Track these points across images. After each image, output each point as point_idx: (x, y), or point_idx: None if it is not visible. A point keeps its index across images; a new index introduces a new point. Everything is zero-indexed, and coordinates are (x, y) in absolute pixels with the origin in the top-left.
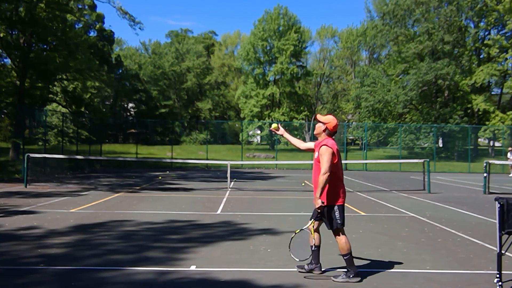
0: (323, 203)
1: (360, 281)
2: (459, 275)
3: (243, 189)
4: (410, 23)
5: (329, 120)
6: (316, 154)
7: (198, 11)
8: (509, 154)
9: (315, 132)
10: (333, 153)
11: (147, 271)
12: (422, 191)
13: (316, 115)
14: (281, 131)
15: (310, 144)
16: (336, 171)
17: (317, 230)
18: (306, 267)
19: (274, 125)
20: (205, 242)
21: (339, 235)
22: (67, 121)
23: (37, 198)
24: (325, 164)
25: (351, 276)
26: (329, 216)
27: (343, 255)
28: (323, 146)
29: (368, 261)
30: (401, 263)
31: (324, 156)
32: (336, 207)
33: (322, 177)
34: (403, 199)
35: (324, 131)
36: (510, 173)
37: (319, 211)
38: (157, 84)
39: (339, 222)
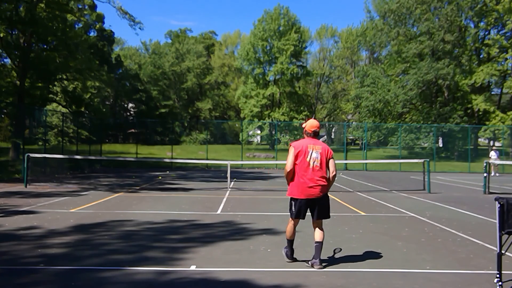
0: None
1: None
2: (459, 275)
3: (243, 189)
4: (410, 22)
5: (306, 123)
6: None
7: (199, 11)
8: (492, 153)
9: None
10: (290, 150)
11: (147, 271)
12: (422, 191)
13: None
14: None
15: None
16: (296, 167)
17: (317, 227)
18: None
19: None
20: (205, 242)
21: (289, 222)
22: (67, 121)
23: (37, 198)
24: (287, 160)
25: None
26: (289, 205)
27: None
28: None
29: (368, 261)
30: (401, 263)
31: (288, 153)
32: (290, 200)
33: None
34: (403, 199)
35: (304, 133)
36: (492, 173)
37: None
38: (157, 84)
39: (291, 213)
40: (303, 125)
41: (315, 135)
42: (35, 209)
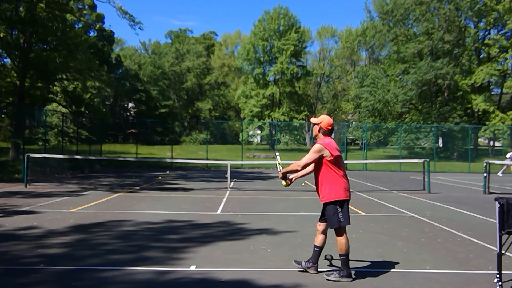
0: (283, 178)
1: (352, 280)
2: (459, 275)
3: (243, 189)
4: (409, 23)
5: (322, 119)
6: None
7: (200, 11)
8: (510, 154)
9: (313, 135)
10: (320, 150)
11: (147, 271)
12: (422, 191)
13: (310, 119)
14: (291, 177)
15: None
16: (335, 168)
17: (323, 232)
18: (303, 264)
19: (283, 183)
20: (205, 242)
21: (340, 235)
22: (67, 121)
23: (37, 198)
24: (304, 158)
25: (343, 275)
26: (331, 213)
27: (340, 255)
28: (315, 144)
29: (368, 261)
30: (401, 263)
31: (310, 151)
32: (338, 204)
33: (299, 163)
34: (403, 199)
35: (319, 131)
36: (498, 172)
37: (280, 176)
38: (157, 84)
39: (341, 220)
40: (318, 121)
41: (331, 134)
42: (35, 209)
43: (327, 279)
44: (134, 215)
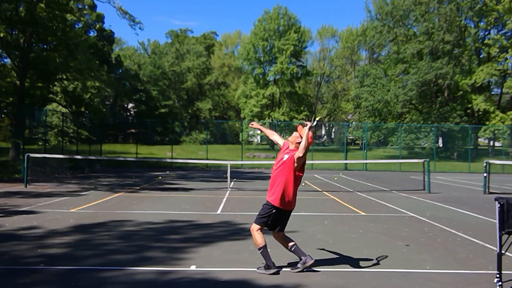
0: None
1: (277, 273)
2: (459, 275)
3: (243, 189)
4: (409, 23)
5: (308, 134)
6: (285, 157)
7: (200, 11)
8: None
9: (290, 139)
10: (306, 151)
11: (147, 271)
12: (422, 191)
13: (298, 126)
14: (255, 125)
15: (279, 141)
16: (298, 180)
17: (281, 237)
18: (299, 265)
19: (252, 123)
20: (205, 242)
21: (256, 231)
22: (67, 121)
23: (37, 198)
24: (302, 147)
25: (265, 268)
26: (264, 212)
27: (258, 249)
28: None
29: (368, 261)
30: (401, 263)
31: (304, 144)
32: (275, 210)
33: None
34: (403, 199)
35: (298, 143)
36: None
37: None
38: (157, 84)
39: (263, 222)
40: (308, 134)
41: None
42: (35, 209)
43: (259, 273)
44: (134, 215)
